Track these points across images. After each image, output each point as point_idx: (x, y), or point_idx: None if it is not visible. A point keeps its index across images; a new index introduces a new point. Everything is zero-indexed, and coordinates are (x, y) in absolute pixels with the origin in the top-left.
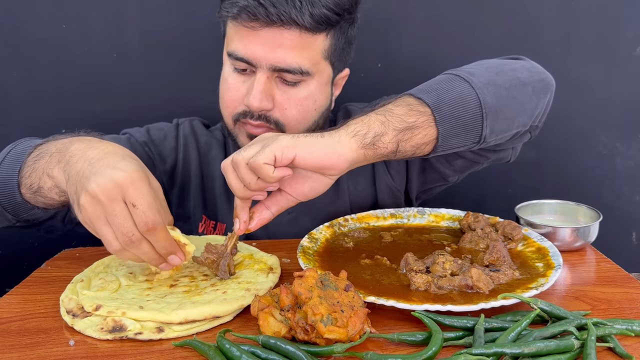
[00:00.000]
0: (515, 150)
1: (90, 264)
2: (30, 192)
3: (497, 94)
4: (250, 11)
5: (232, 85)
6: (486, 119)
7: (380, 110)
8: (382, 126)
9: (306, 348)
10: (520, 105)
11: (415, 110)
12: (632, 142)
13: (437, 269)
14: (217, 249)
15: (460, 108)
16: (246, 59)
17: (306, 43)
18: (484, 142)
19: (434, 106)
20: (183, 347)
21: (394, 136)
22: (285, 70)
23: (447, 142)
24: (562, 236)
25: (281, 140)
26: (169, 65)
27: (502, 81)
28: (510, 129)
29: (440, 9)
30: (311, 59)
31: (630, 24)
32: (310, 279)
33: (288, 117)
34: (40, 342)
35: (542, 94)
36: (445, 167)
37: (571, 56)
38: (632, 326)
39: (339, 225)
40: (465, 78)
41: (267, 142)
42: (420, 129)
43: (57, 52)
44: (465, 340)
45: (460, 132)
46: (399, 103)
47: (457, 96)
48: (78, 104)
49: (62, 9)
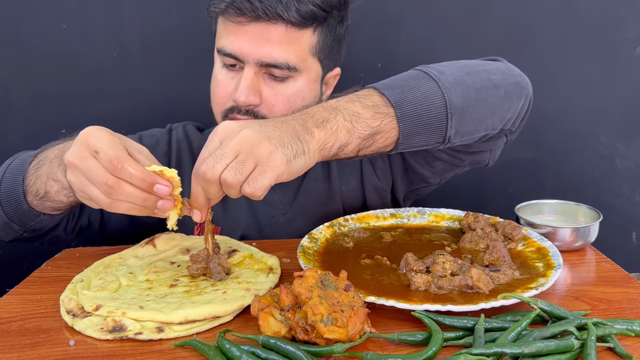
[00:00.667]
0: (494, 153)
1: (90, 264)
2: (37, 199)
3: (465, 95)
4: (236, 6)
5: (221, 82)
6: (451, 120)
7: (349, 114)
8: (347, 135)
9: (306, 348)
10: (489, 107)
11: (380, 113)
12: (631, 142)
13: (437, 269)
14: (201, 255)
15: (425, 107)
16: (234, 54)
17: (292, 38)
18: (448, 142)
19: (397, 104)
20: (183, 347)
21: (357, 145)
22: (272, 65)
23: (409, 140)
24: (562, 236)
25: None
26: (169, 65)
27: (472, 82)
28: (477, 131)
29: (440, 9)
30: (298, 55)
31: (630, 24)
32: (310, 279)
33: (275, 114)
34: (40, 342)
35: (515, 98)
36: (424, 169)
37: (571, 56)
38: (632, 326)
39: (339, 225)
40: (433, 76)
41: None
42: (382, 132)
43: (57, 52)
44: (465, 340)
45: (422, 131)
46: (365, 103)
47: (421, 94)
48: (78, 105)
49: (62, 9)
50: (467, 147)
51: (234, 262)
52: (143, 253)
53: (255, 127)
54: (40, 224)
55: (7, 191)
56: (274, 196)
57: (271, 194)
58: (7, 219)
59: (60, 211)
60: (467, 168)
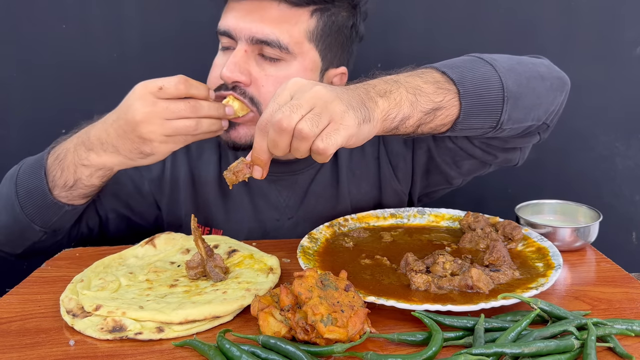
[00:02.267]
0: (524, 152)
1: (90, 264)
2: (66, 190)
3: (518, 82)
4: None
5: (215, 64)
6: (507, 103)
7: (411, 87)
8: (410, 108)
9: (306, 348)
10: (537, 97)
11: (442, 88)
12: (632, 142)
13: (437, 269)
14: (195, 260)
15: (484, 87)
16: (227, 30)
17: (286, 16)
18: (500, 128)
19: (459, 81)
20: (183, 347)
21: (418, 119)
22: (263, 41)
23: (467, 120)
24: (562, 236)
25: (345, 128)
26: (169, 65)
27: (523, 71)
28: (526, 119)
29: (440, 9)
30: (292, 35)
31: (630, 24)
32: (310, 279)
33: (265, 96)
34: (40, 342)
35: (558, 92)
36: (451, 168)
37: (571, 56)
38: (632, 326)
39: (339, 225)
40: (488, 61)
41: (333, 119)
42: (444, 109)
43: (57, 52)
44: (465, 340)
45: (481, 111)
46: (427, 79)
47: (480, 76)
48: (78, 104)
49: (62, 9)
50: (505, 142)
51: (234, 262)
52: (143, 253)
53: (326, 85)
54: (62, 218)
55: (27, 191)
56: (280, 200)
57: (277, 197)
58: (28, 219)
59: (88, 197)
60: (493, 169)
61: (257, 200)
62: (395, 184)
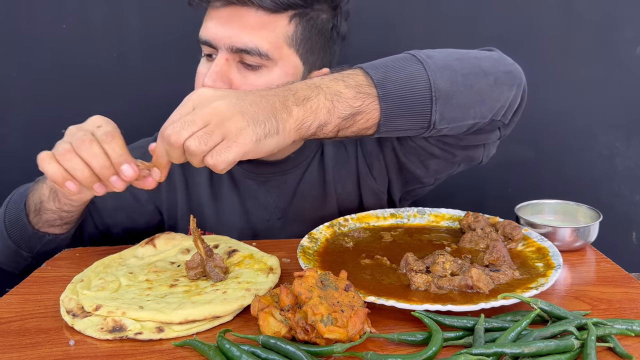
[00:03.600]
0: (487, 149)
1: (90, 264)
2: (35, 214)
3: (452, 80)
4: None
5: (199, 72)
6: (435, 103)
7: (330, 93)
8: (327, 114)
9: (306, 348)
10: (477, 94)
11: (362, 92)
12: (632, 142)
13: (437, 269)
14: (195, 260)
15: (408, 88)
16: (208, 40)
17: (265, 22)
18: (433, 128)
19: (379, 83)
20: (183, 347)
21: (336, 125)
22: (243, 50)
23: (391, 122)
24: (562, 236)
25: (238, 146)
26: (169, 65)
27: (461, 67)
28: (465, 118)
29: (439, 9)
30: (271, 42)
31: (630, 24)
32: (310, 279)
33: None
34: (40, 342)
35: (505, 86)
36: (418, 168)
37: (571, 56)
38: (632, 326)
39: (339, 225)
40: (420, 59)
41: (226, 137)
42: (364, 113)
43: (57, 52)
44: (465, 340)
45: (405, 113)
46: (349, 82)
47: (406, 76)
48: (78, 104)
49: (62, 9)
50: (459, 140)
51: (234, 262)
52: (143, 253)
53: (231, 99)
54: (47, 246)
55: (12, 219)
56: (269, 200)
57: (266, 197)
58: (15, 246)
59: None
60: (461, 168)
61: (247, 202)
62: (372, 182)
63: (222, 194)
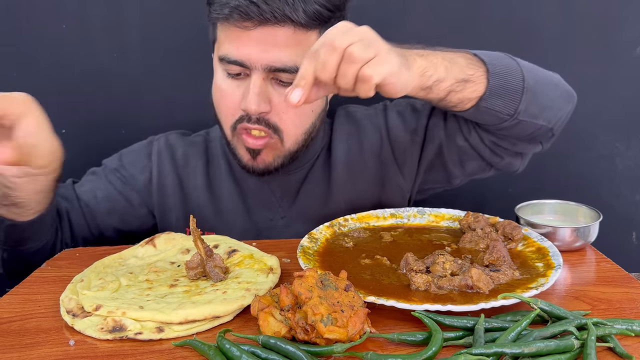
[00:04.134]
0: (524, 160)
1: (90, 264)
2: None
3: (536, 80)
4: (242, 10)
5: (226, 92)
6: (525, 94)
7: (447, 56)
8: (445, 72)
9: (306, 348)
10: (551, 100)
11: (474, 65)
12: (632, 142)
13: (437, 269)
14: (194, 260)
15: (509, 74)
16: (240, 61)
17: (300, 40)
18: (515, 118)
19: (489, 63)
20: (183, 347)
21: (450, 85)
22: (281, 69)
23: (491, 100)
24: (562, 236)
25: (390, 64)
26: (169, 65)
27: (540, 74)
28: (539, 117)
29: (439, 9)
30: None
31: (630, 24)
32: (310, 279)
33: (286, 121)
34: (40, 342)
35: (566, 101)
36: (456, 167)
37: (571, 56)
38: (632, 326)
39: (339, 225)
40: (511, 57)
41: (379, 53)
42: (473, 83)
43: (57, 52)
44: (465, 340)
45: (504, 93)
46: (460, 54)
47: (506, 65)
48: (78, 104)
49: (62, 9)
50: (513, 144)
51: (234, 262)
52: (143, 253)
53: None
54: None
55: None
56: (273, 199)
57: (270, 196)
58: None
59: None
60: (492, 173)
61: (249, 201)
62: (400, 180)
63: (221, 194)
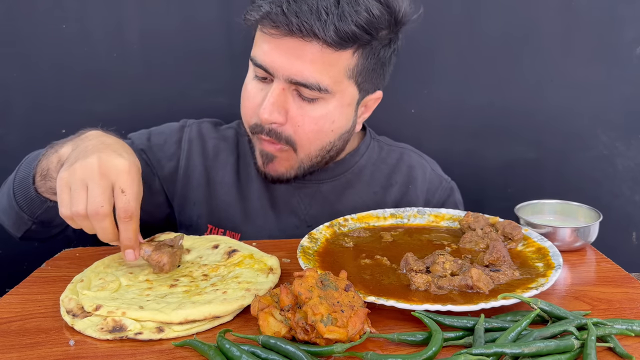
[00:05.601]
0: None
1: (90, 264)
2: (41, 178)
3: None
4: (272, 18)
5: (250, 93)
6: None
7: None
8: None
9: (306, 348)
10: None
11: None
12: (632, 142)
13: (437, 269)
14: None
15: None
16: (264, 66)
17: (328, 59)
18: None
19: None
20: (183, 347)
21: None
22: (302, 84)
23: None
24: (562, 236)
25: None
26: (169, 65)
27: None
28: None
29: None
30: (332, 77)
31: (630, 24)
32: (310, 279)
33: (300, 135)
34: (40, 342)
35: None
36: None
37: (571, 56)
38: (632, 326)
39: (339, 225)
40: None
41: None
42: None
43: (57, 52)
44: (465, 340)
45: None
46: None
47: None
48: (78, 104)
49: (62, 9)
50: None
51: (234, 262)
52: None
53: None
54: (48, 213)
55: (20, 179)
56: (301, 207)
57: (298, 204)
58: (18, 207)
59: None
60: None
61: (279, 206)
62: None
63: (250, 194)
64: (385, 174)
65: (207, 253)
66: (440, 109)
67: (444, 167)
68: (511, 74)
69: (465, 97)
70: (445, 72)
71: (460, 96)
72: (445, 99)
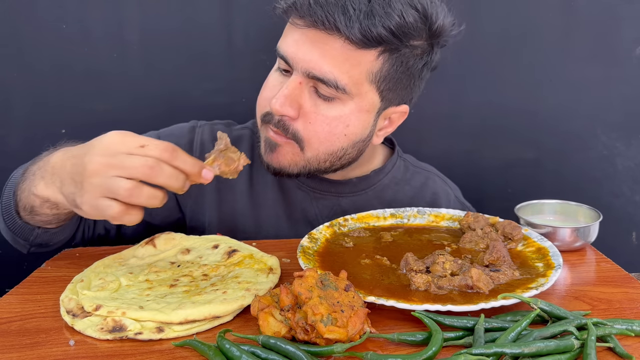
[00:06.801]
0: None
1: (90, 264)
2: (26, 213)
3: None
4: (297, 8)
5: (269, 83)
6: None
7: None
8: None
9: (306, 348)
10: None
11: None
12: (632, 142)
13: (437, 269)
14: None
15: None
16: (285, 56)
17: (349, 56)
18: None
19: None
20: (183, 347)
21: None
22: (319, 79)
23: None
24: (562, 236)
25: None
26: (169, 65)
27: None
28: None
29: None
30: (352, 77)
31: (630, 24)
32: (310, 279)
33: (310, 133)
34: (40, 342)
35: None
36: None
37: (571, 56)
38: (632, 326)
39: (339, 225)
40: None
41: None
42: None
43: (57, 52)
44: (465, 340)
45: None
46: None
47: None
48: (78, 104)
49: (62, 9)
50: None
51: (234, 262)
52: (143, 253)
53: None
54: (41, 237)
55: (5, 205)
56: (318, 218)
57: (315, 214)
58: (12, 233)
59: (52, 224)
60: None
61: (295, 214)
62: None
63: (264, 202)
64: (408, 196)
65: (207, 253)
66: (440, 109)
67: (444, 167)
68: (511, 74)
69: (464, 97)
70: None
71: (460, 96)
72: (445, 99)
